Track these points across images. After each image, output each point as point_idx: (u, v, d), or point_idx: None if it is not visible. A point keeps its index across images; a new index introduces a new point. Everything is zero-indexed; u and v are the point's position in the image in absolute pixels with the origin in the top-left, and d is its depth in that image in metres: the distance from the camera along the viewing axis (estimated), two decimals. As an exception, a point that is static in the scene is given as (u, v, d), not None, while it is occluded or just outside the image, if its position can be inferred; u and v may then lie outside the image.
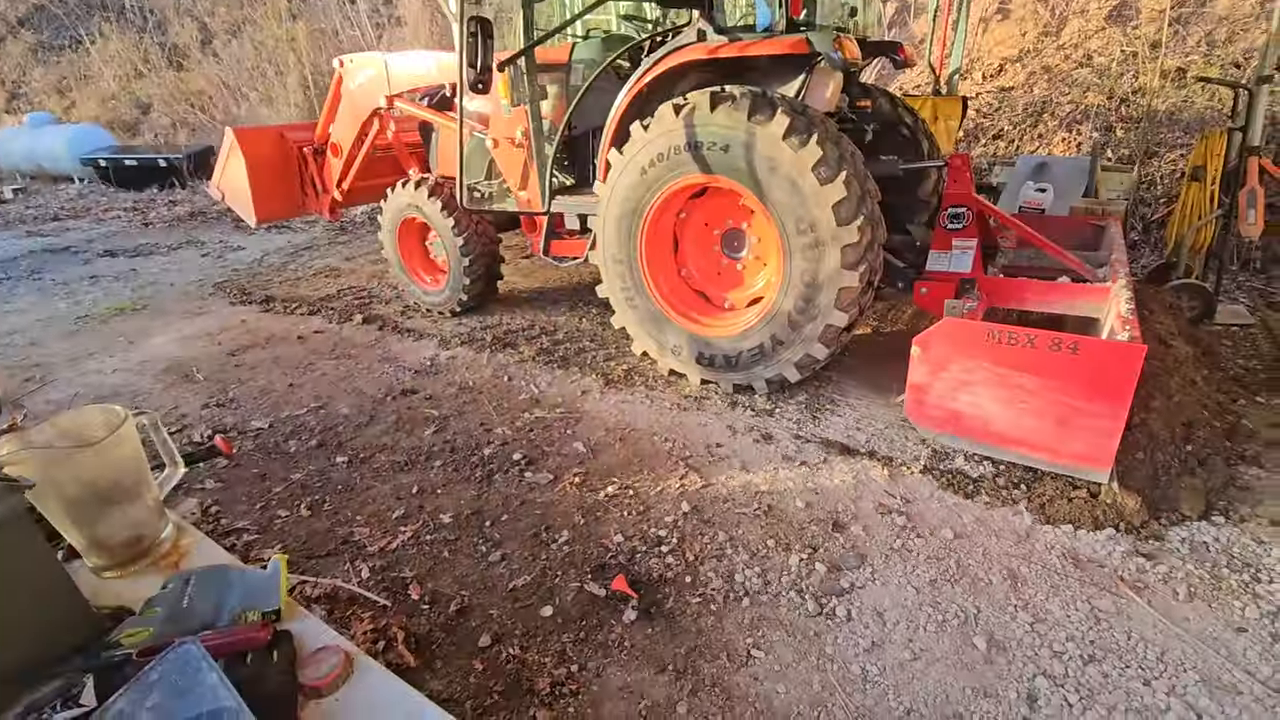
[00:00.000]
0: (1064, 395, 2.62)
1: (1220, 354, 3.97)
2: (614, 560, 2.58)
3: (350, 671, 0.98)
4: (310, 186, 5.98)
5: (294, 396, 4.10)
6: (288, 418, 3.83)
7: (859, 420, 3.47)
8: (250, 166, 5.63)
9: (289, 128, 5.95)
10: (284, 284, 6.54)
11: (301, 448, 3.51)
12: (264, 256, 7.76)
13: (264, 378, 4.39)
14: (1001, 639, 2.15)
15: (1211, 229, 4.45)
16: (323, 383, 4.27)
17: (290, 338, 5.08)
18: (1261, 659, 2.03)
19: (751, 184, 3.26)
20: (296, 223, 9.18)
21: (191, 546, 1.23)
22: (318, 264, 7.25)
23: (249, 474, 3.28)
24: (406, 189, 4.96)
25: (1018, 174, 5.58)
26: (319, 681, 0.94)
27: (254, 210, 5.79)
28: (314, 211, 6.15)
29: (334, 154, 5.65)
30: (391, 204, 5.12)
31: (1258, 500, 2.70)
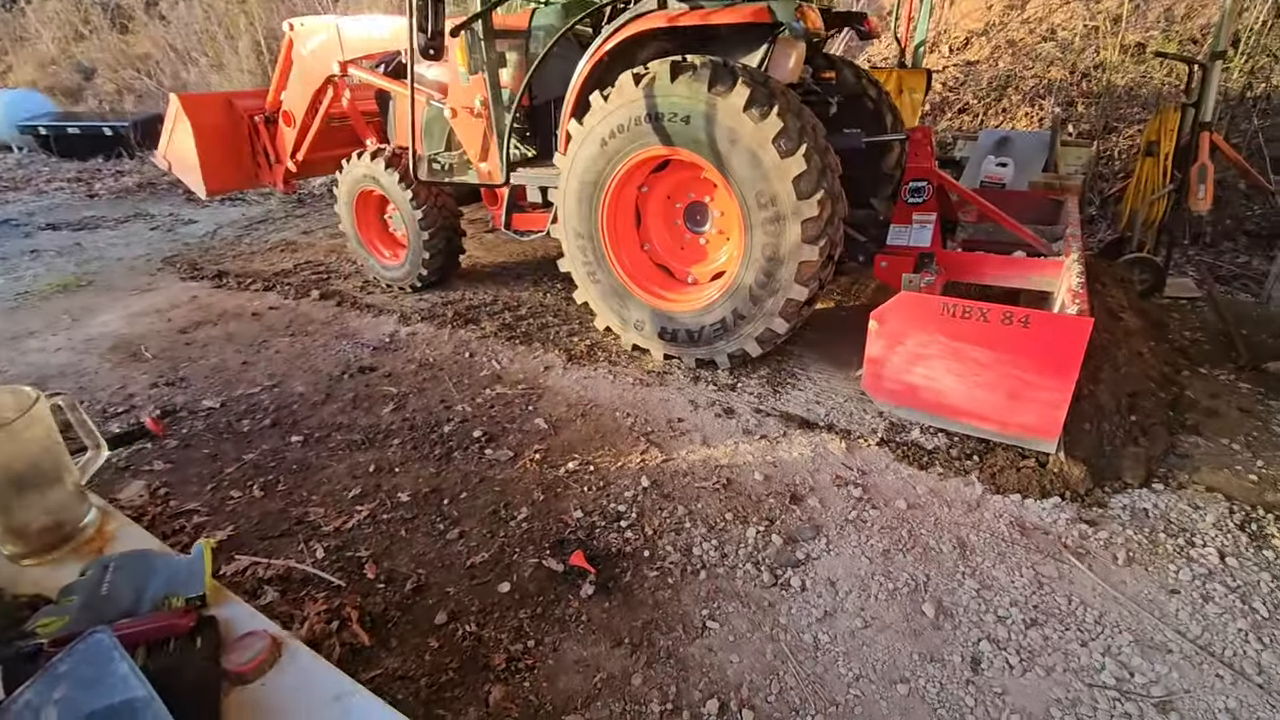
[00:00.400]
0: (1015, 368, 2.67)
1: (1168, 326, 4.09)
2: (573, 536, 2.58)
3: (277, 656, 0.95)
4: (263, 157, 5.76)
5: (247, 375, 3.99)
6: (241, 396, 3.73)
7: (819, 394, 3.50)
8: (198, 135, 5.39)
9: (238, 95, 5.71)
10: (238, 258, 6.33)
11: (255, 427, 3.42)
12: (217, 230, 7.49)
13: (216, 356, 4.26)
14: (949, 605, 2.21)
15: (1164, 204, 4.55)
16: (278, 360, 4.16)
17: (244, 314, 4.93)
18: (1192, 619, 2.13)
19: (713, 157, 3.23)
20: (251, 195, 8.86)
21: (117, 532, 1.18)
22: (273, 238, 7.02)
23: (200, 455, 3.20)
24: (363, 160, 4.80)
25: (980, 148, 5.62)
26: (243, 667, 0.91)
27: (203, 181, 5.57)
28: (268, 183, 5.93)
29: (286, 123, 5.44)
30: (348, 176, 4.96)
31: (1195, 468, 2.81)
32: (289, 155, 5.54)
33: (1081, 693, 1.91)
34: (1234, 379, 3.50)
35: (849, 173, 3.49)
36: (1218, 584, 2.24)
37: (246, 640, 0.95)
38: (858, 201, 4.14)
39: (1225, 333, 3.97)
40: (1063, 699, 1.89)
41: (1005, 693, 1.92)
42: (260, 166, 5.84)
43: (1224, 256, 5.52)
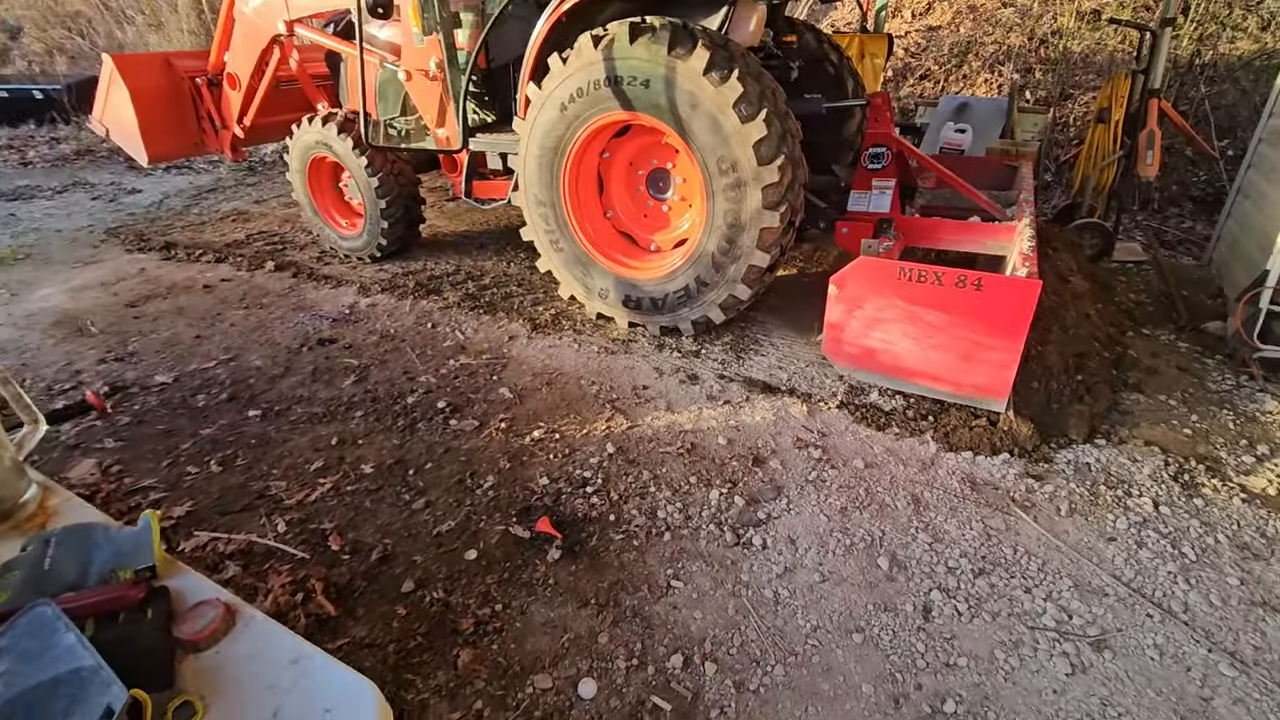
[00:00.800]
0: (968, 330, 2.74)
1: (1114, 289, 4.24)
2: (539, 503, 2.60)
3: (232, 624, 0.95)
4: (207, 122, 5.51)
5: (201, 349, 3.88)
6: (195, 371, 3.63)
7: (781, 359, 3.56)
8: (136, 100, 5.12)
9: (177, 55, 5.42)
10: (187, 229, 6.09)
11: (211, 402, 3.34)
12: (163, 199, 7.18)
13: (167, 330, 4.12)
14: (903, 558, 2.30)
15: (1114, 170, 4.67)
16: (233, 334, 4.05)
17: (195, 287, 4.77)
18: (1127, 564, 2.25)
19: (673, 121, 3.19)
20: (199, 162, 8.50)
21: (60, 508, 1.16)
22: (224, 207, 6.77)
23: (153, 431, 3.12)
24: (314, 125, 4.63)
25: (939, 114, 5.67)
26: (196, 635, 0.91)
27: (145, 149, 5.31)
28: (215, 150, 5.69)
29: (231, 86, 5.20)
30: (299, 142, 4.78)
31: (1135, 424, 2.94)
32: (235, 120, 5.31)
33: (1024, 635, 2.01)
34: (1174, 339, 3.65)
35: (810, 138, 3.49)
36: (1151, 531, 2.37)
37: (199, 609, 0.95)
38: (819, 167, 4.15)
39: (1168, 295, 4.13)
40: (1006, 641, 2.00)
41: (954, 638, 2.02)
42: (205, 132, 5.59)
43: (1170, 222, 5.71)
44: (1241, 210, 4.23)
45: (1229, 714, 1.78)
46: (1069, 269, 3.77)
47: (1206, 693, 1.84)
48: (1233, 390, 3.15)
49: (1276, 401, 3.03)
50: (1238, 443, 2.79)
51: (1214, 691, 1.84)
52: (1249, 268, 3.61)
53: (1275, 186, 3.71)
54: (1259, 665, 1.90)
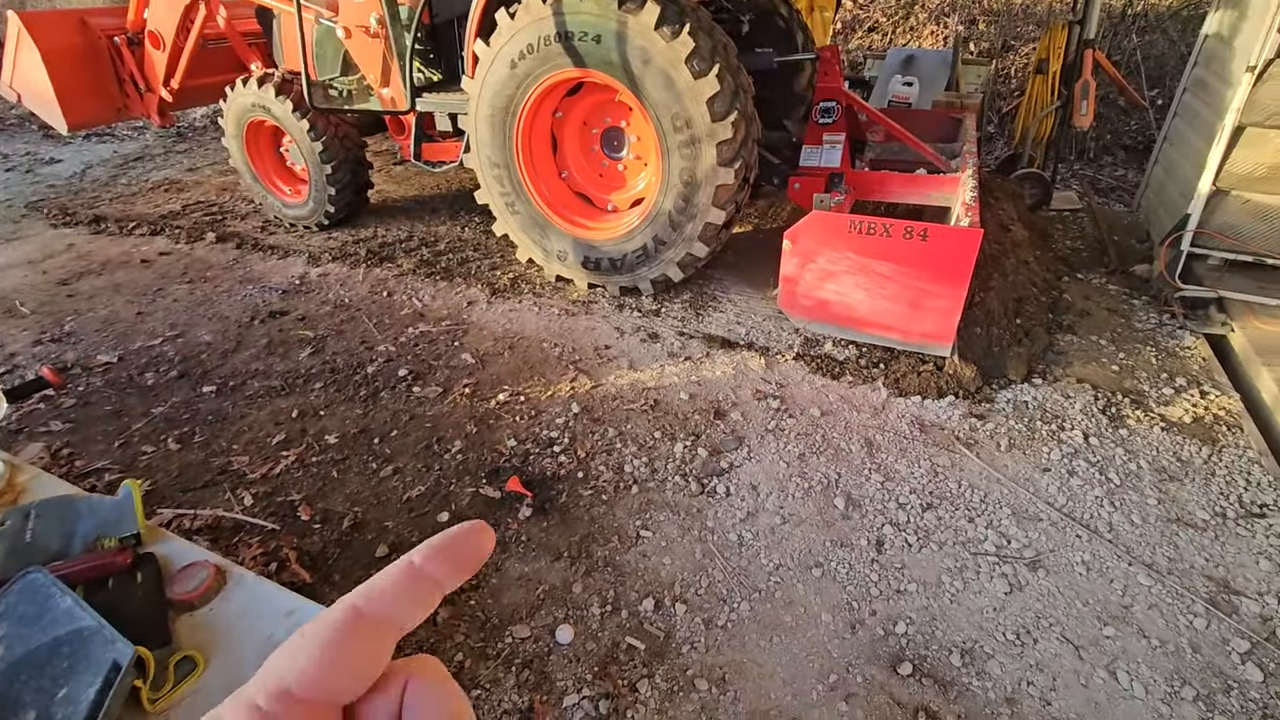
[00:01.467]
0: (915, 279, 2.86)
1: (1052, 236, 4.43)
2: (508, 464, 2.65)
3: (223, 583, 0.98)
4: (130, 85, 5.18)
5: (145, 326, 3.74)
6: (140, 349, 3.51)
7: (739, 314, 3.64)
8: (49, 61, 4.77)
9: (92, 13, 5.04)
10: (116, 201, 5.78)
11: (161, 380, 3.25)
12: (86, 170, 6.76)
13: (105, 308, 3.96)
14: (857, 497, 2.44)
15: (1052, 120, 4.83)
16: (177, 309, 3.91)
17: (131, 262, 4.57)
18: (1059, 492, 2.44)
19: (626, 78, 3.17)
20: (122, 129, 8.00)
21: (29, 484, 1.15)
22: (155, 176, 6.42)
23: (102, 412, 3.03)
24: (249, 87, 4.41)
25: (887, 67, 5.73)
26: (189, 595, 0.94)
27: (63, 115, 4.97)
28: (140, 115, 5.36)
29: (154, 45, 4.88)
30: (233, 105, 4.56)
31: (1069, 362, 3.14)
32: (161, 83, 5.01)
33: (967, 561, 2.18)
34: (1105, 282, 3.86)
35: (761, 94, 3.51)
36: (1082, 460, 2.56)
37: (189, 570, 0.97)
38: (771, 123, 4.19)
39: (1100, 241, 4.35)
40: (952, 567, 2.16)
41: (904, 567, 2.17)
42: (129, 96, 5.25)
43: (1104, 170, 5.95)
44: (1168, 158, 4.45)
45: (1146, 618, 1.98)
46: (1010, 218, 3.93)
47: (1127, 601, 2.03)
48: (1156, 328, 3.37)
49: (1194, 337, 3.27)
50: (1159, 376, 3.01)
51: (1133, 599, 2.04)
52: (1173, 213, 3.82)
53: (1198, 135, 3.91)
54: (1172, 574, 2.11)
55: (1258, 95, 3.05)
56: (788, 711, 1.79)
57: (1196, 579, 2.09)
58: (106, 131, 7.94)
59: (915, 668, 1.88)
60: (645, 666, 1.90)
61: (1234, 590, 2.05)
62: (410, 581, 0.28)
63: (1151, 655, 1.88)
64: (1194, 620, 1.97)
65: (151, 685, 0.84)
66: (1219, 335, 3.29)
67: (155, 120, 5.29)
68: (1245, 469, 2.48)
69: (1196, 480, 2.45)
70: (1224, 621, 1.96)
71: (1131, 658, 1.88)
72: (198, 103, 5.65)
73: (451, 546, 0.29)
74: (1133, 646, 1.91)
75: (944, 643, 1.94)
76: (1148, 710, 1.75)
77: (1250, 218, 3.25)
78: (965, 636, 1.95)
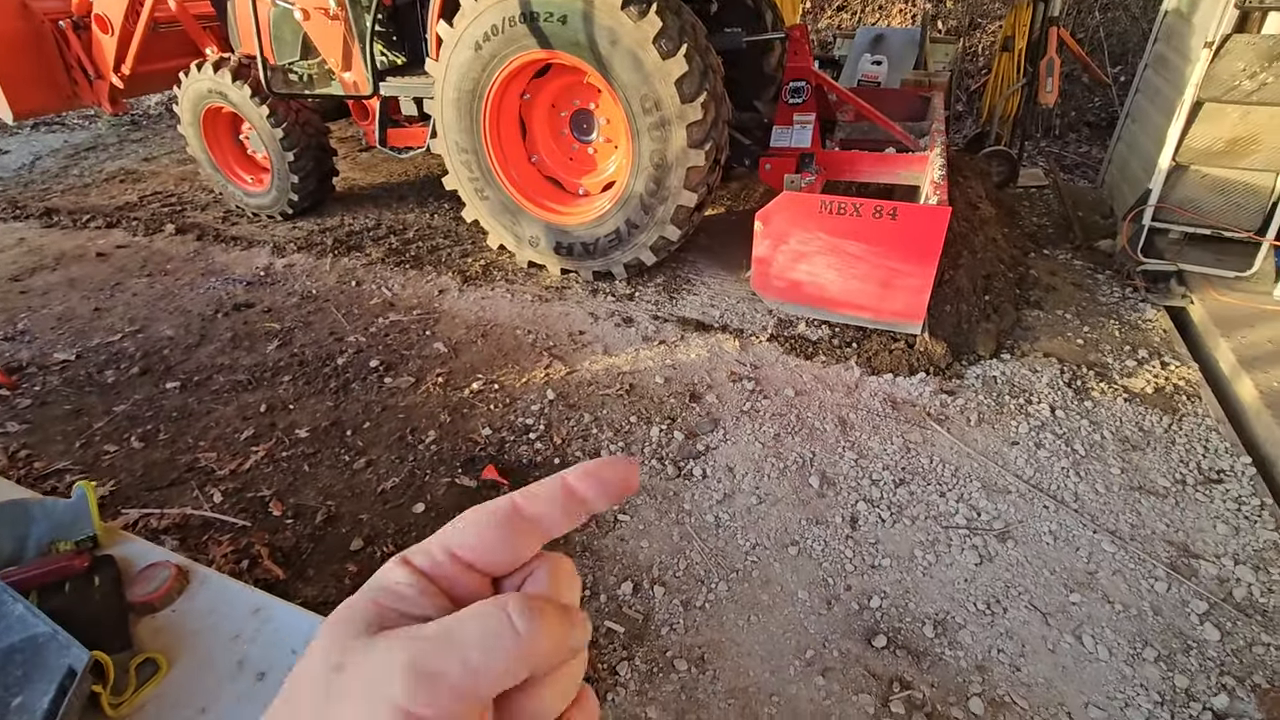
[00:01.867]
0: (886, 258, 2.88)
1: (1019, 213, 4.50)
2: (483, 453, 2.63)
3: (185, 584, 0.96)
4: (78, 71, 4.97)
5: (103, 322, 3.63)
6: (99, 346, 3.41)
7: (713, 297, 3.64)
8: (-11, 47, 4.56)
9: (33, -5, 4.82)
10: (68, 193, 5.57)
11: (122, 377, 3.16)
12: (35, 161, 6.50)
13: (60, 304, 3.82)
14: (831, 476, 2.47)
15: (1018, 98, 4.87)
16: (137, 304, 3.80)
17: (87, 256, 4.41)
18: (1027, 464, 2.49)
19: (593, 59, 3.12)
20: (72, 117, 7.69)
21: (-22, 488, 1.11)
22: (109, 167, 6.20)
23: (60, 411, 2.94)
24: (204, 72, 4.26)
25: (856, 46, 5.73)
26: (150, 596, 0.92)
27: (7, 104, 4.77)
28: (90, 103, 5.16)
29: (102, 29, 4.69)
30: (189, 92, 4.40)
31: (1036, 338, 3.20)
32: (111, 69, 4.82)
33: (939, 534, 2.22)
34: (1070, 257, 3.93)
35: (731, 74, 3.49)
36: (1048, 433, 2.62)
37: (149, 572, 0.95)
38: (741, 104, 4.16)
39: (1065, 217, 4.42)
40: (924, 541, 2.20)
41: (878, 542, 2.21)
42: (78, 84, 5.05)
43: (1069, 147, 6.04)
44: (1130, 134, 4.53)
45: (1110, 583, 2.04)
46: (978, 196, 3.97)
47: (1092, 567, 2.09)
48: (1119, 302, 3.45)
49: (1155, 310, 3.35)
50: (1122, 349, 3.08)
51: (1098, 566, 2.10)
52: (1135, 188, 3.90)
53: (1158, 110, 3.98)
54: (1134, 540, 2.17)
55: (1215, 70, 3.10)
56: (766, 688, 1.81)
57: (1158, 544, 2.16)
58: (56, 120, 7.63)
59: (890, 640, 1.91)
60: (625, 649, 1.91)
61: (1193, 554, 2.12)
62: (563, 496, 0.31)
63: (1115, 619, 1.94)
64: (1155, 584, 2.03)
65: (112, 690, 0.82)
66: (1179, 307, 3.37)
67: (107, 108, 5.09)
68: (1204, 437, 2.56)
69: (1158, 449, 2.52)
70: (1184, 584, 2.02)
71: (1096, 622, 1.93)
72: (152, 89, 5.46)
73: (602, 473, 0.32)
74: (1098, 611, 1.96)
75: (917, 615, 1.98)
76: (1112, 672, 1.81)
77: (1208, 191, 3.33)
78: (938, 608, 2.00)
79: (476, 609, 0.27)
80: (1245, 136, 3.15)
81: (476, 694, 0.25)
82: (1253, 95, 3.09)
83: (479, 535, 0.31)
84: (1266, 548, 2.12)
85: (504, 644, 0.26)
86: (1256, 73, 3.06)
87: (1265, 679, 1.78)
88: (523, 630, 0.26)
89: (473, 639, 0.26)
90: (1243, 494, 2.31)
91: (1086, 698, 1.76)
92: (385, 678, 0.25)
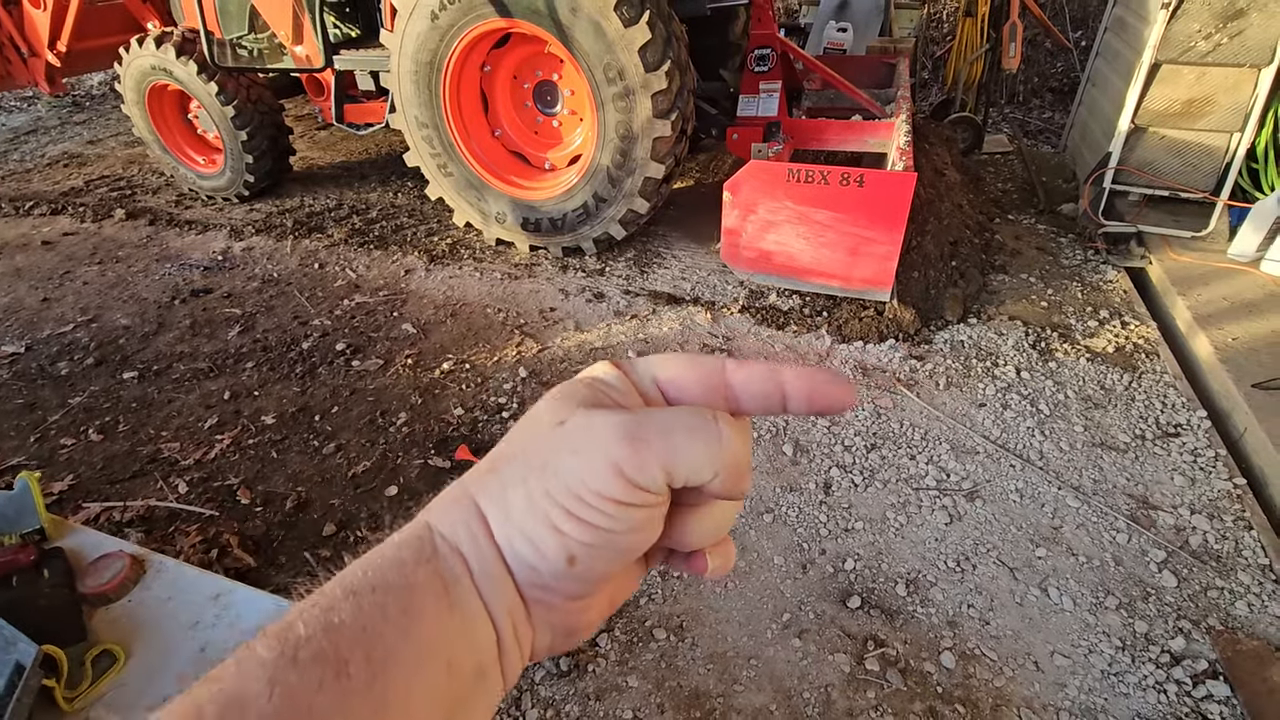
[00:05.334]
0: (853, 226, 2.88)
1: (984, 179, 4.53)
2: (456, 433, 2.60)
3: (141, 573, 0.93)
4: (11, 50, 4.72)
5: (53, 312, 3.49)
6: (50, 337, 3.28)
7: (684, 270, 3.62)
8: (-90, 23, 4.30)
9: (-45, -33, 4.54)
10: (9, 179, 5.31)
11: (76, 369, 3.05)
12: (-28, 146, 6.19)
13: (6, 294, 3.67)
14: (805, 443, 2.49)
15: (982, 64, 4.89)
16: (88, 293, 3.66)
17: (32, 244, 4.23)
18: (994, 425, 2.54)
19: (554, 28, 3.04)
20: (9, 99, 7.32)
21: (-84, 484, 1.06)
22: (51, 151, 5.92)
23: (12, 406, 2.83)
24: (146, 48, 4.07)
25: (821, 13, 5.68)
26: (104, 587, 0.89)
27: (-66, 84, 4.52)
28: (25, 83, 4.91)
29: (33, 4, 4.44)
30: (131, 69, 4.20)
31: (1001, 301, 3.24)
32: (46, 46, 4.58)
33: (910, 496, 2.26)
34: (1034, 222, 3.99)
35: (696, 43, 3.43)
36: (1014, 394, 2.67)
37: (103, 562, 0.92)
38: (707, 73, 4.11)
39: (1029, 182, 4.47)
40: (896, 503, 2.24)
41: (851, 506, 2.24)
42: (10, 62, 4.79)
43: (1033, 113, 6.10)
44: (1090, 98, 4.57)
45: (1073, 537, 2.10)
46: (944, 163, 3.99)
47: (1056, 523, 2.15)
48: (1081, 264, 3.51)
49: (1116, 271, 3.42)
50: (1084, 310, 3.14)
51: (1062, 521, 2.16)
52: (1096, 152, 3.95)
53: (1117, 74, 4.02)
54: (1097, 495, 2.24)
55: (1172, 31, 3.13)
56: (744, 652, 1.84)
57: (1119, 498, 2.22)
58: (-9, 103, 7.26)
59: (863, 600, 1.95)
60: (604, 622, 1.92)
61: (1152, 505, 2.19)
62: (770, 383, 0.32)
63: (1079, 571, 2.00)
64: (1116, 536, 2.10)
65: (67, 684, 0.79)
66: (1138, 268, 3.45)
67: (44, 88, 4.86)
68: (1162, 393, 2.63)
69: (1118, 406, 2.59)
70: (1143, 535, 2.09)
71: (1061, 575, 1.99)
72: (93, 68, 5.22)
73: (817, 381, 0.32)
74: (1062, 564, 2.02)
75: (890, 575, 2.02)
76: (1076, 621, 1.87)
77: (1165, 153, 3.38)
78: (909, 568, 2.04)
79: (686, 407, 0.32)
80: (1200, 97, 3.20)
81: (674, 470, 0.29)
82: (1208, 56, 3.13)
83: (682, 373, 0.33)
84: (1220, 497, 2.20)
85: (706, 438, 0.29)
86: (1211, 33, 3.10)
87: (1219, 621, 1.85)
88: (723, 435, 0.29)
89: (681, 425, 0.29)
90: (1198, 446, 2.38)
91: (1053, 646, 1.82)
92: (603, 437, 0.29)
